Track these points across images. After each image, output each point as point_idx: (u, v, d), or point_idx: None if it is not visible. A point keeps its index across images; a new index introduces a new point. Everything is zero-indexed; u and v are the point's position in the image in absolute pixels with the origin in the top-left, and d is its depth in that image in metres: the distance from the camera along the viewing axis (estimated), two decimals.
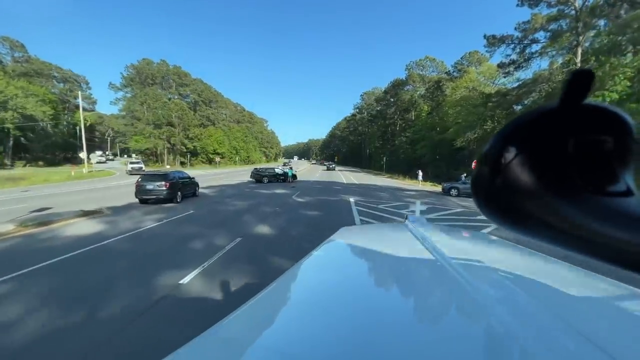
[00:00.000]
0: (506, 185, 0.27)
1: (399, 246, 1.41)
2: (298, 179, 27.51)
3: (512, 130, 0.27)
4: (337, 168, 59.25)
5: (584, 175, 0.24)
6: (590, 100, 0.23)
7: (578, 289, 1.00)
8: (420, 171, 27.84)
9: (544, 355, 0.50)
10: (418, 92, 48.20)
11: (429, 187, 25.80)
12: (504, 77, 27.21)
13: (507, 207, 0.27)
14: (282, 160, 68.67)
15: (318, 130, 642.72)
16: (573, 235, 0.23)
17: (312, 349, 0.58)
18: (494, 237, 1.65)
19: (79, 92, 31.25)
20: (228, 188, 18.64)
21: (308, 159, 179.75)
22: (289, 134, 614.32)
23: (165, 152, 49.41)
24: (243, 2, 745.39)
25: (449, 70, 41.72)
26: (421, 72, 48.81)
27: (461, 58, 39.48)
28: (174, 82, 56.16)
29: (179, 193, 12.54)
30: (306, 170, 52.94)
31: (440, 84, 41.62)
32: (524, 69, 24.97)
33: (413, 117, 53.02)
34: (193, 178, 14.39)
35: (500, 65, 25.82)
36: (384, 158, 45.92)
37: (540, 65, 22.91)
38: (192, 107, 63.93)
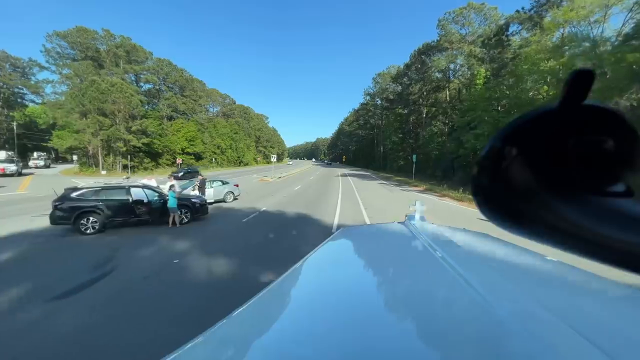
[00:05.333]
0: (506, 185, 0.26)
1: (399, 246, 1.41)
2: (253, 195, 12.21)
3: (513, 130, 0.26)
4: (341, 173, 43.94)
5: (584, 175, 0.24)
6: (591, 100, 0.23)
7: (578, 289, 1.00)
8: None
9: (544, 355, 0.50)
10: (463, 53, 31.77)
11: None
12: None
13: (508, 207, 0.27)
14: (287, 160, 55.14)
15: (327, 129, 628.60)
16: (573, 236, 0.22)
17: (312, 350, 0.57)
18: (493, 237, 1.61)
19: None
20: None
21: (316, 158, 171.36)
22: (296, 134, 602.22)
23: (100, 151, 35.31)
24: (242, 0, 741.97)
25: (521, 9, 25.36)
26: (462, 31, 32.76)
27: None
28: (120, 58, 42.10)
29: None
30: (302, 172, 37.65)
31: (507, 35, 25.51)
32: None
33: (448, 98, 36.91)
34: None
35: None
36: (414, 156, 30.00)
37: None
38: (155, 95, 50.09)
